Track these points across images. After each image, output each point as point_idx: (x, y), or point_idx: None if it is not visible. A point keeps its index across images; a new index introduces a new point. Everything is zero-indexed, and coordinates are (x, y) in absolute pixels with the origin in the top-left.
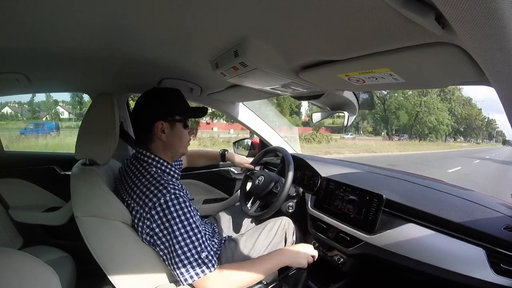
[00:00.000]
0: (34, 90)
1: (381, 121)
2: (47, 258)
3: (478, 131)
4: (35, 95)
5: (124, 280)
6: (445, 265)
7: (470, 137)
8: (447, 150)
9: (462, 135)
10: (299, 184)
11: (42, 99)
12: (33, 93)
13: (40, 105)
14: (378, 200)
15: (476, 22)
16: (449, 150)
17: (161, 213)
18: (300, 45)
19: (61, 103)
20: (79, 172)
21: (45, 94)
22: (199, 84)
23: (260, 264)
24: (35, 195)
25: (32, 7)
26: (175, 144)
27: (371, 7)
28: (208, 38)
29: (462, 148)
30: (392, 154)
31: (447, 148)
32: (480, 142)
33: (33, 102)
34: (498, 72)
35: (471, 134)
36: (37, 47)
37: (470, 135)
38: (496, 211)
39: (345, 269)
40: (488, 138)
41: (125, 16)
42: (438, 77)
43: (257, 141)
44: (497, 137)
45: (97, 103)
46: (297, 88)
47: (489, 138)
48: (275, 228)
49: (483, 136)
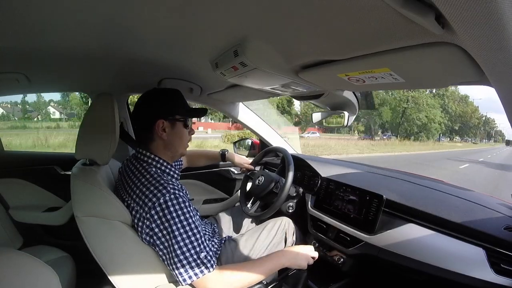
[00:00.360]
0: (34, 90)
1: (362, 118)
2: (47, 258)
3: (475, 130)
4: (26, 95)
5: (124, 280)
6: (445, 265)
7: (467, 137)
8: (435, 151)
9: (458, 134)
10: (299, 184)
11: (33, 99)
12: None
13: (31, 105)
14: (378, 200)
15: (476, 21)
16: (438, 151)
17: (160, 213)
18: (300, 45)
19: (52, 104)
20: (79, 172)
21: (36, 94)
22: (199, 84)
23: (260, 266)
24: (35, 195)
25: (32, 7)
26: (175, 143)
27: (371, 7)
28: (208, 38)
29: (456, 148)
30: (341, 156)
31: (438, 149)
32: (478, 141)
33: (24, 102)
34: (498, 72)
35: (468, 133)
36: (37, 47)
37: (467, 134)
38: (496, 211)
39: (345, 269)
40: (487, 137)
41: (125, 16)
42: (438, 77)
43: (257, 141)
44: (496, 136)
45: (97, 103)
46: (297, 88)
47: (488, 137)
48: (275, 228)
49: (481, 136)
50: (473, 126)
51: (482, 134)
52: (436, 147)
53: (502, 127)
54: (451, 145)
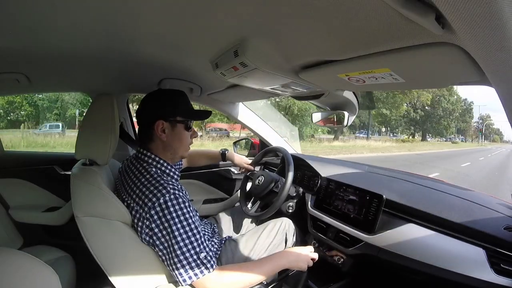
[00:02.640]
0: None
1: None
2: (47, 258)
3: (451, 121)
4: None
5: (123, 280)
6: (445, 265)
7: (445, 132)
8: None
9: (422, 129)
10: (299, 184)
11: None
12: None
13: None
14: (378, 200)
15: (476, 22)
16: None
17: (160, 213)
18: (300, 45)
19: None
20: (79, 172)
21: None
22: (199, 84)
23: (260, 267)
24: (35, 195)
25: (32, 7)
26: (174, 145)
27: (371, 7)
28: (208, 38)
29: (392, 151)
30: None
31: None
32: (459, 140)
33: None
34: (498, 72)
35: (437, 126)
36: (37, 47)
37: (436, 128)
38: (496, 211)
39: (345, 269)
40: (478, 135)
41: (125, 16)
42: (438, 77)
43: (257, 141)
44: (492, 135)
45: (97, 103)
46: (297, 88)
47: (475, 135)
48: (276, 229)
49: (472, 133)
50: (445, 115)
51: (474, 130)
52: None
53: (500, 126)
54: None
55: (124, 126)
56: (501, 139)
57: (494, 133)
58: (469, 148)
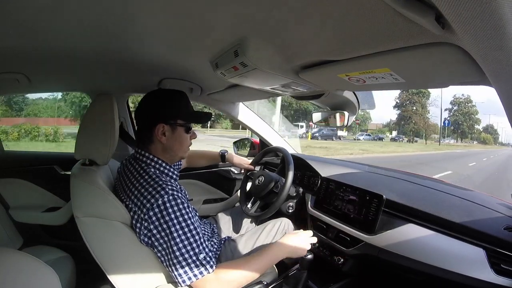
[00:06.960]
0: (34, 90)
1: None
2: (47, 258)
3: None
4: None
5: (123, 280)
6: (445, 265)
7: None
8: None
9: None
10: (299, 184)
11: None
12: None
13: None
14: (378, 200)
15: (476, 22)
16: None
17: (159, 214)
18: (300, 45)
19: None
20: (79, 172)
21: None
22: (199, 84)
23: (258, 262)
24: (35, 195)
25: (33, 7)
26: (174, 147)
27: (371, 7)
28: (208, 38)
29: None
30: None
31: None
32: (432, 141)
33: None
34: (498, 72)
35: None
36: (37, 47)
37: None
38: (496, 211)
39: (345, 269)
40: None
41: (125, 16)
42: (438, 77)
43: (257, 141)
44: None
45: (97, 103)
46: (297, 88)
47: (463, 135)
48: (275, 229)
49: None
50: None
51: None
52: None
53: (501, 127)
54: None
55: (124, 126)
56: (495, 140)
57: (493, 130)
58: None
